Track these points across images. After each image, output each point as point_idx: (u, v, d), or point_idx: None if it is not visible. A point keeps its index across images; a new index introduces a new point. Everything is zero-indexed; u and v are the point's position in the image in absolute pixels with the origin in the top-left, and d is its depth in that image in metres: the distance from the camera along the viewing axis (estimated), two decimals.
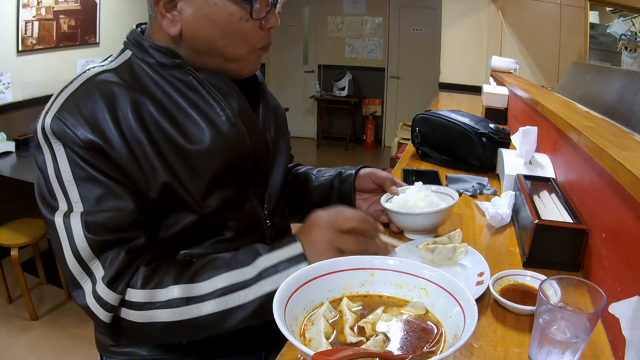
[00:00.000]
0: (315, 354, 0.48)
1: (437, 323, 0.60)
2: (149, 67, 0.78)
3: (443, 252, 0.94)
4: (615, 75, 1.83)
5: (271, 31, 0.80)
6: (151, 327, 0.70)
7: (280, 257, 0.71)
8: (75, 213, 0.69)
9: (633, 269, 0.71)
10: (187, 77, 0.79)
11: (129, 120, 0.73)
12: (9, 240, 2.42)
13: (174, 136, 0.76)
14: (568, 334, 0.64)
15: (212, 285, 0.70)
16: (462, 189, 1.42)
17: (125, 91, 0.74)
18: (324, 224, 0.74)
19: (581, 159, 1.07)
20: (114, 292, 0.68)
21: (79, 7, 3.46)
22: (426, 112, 1.77)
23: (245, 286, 0.70)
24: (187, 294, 0.70)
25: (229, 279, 0.71)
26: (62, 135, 0.69)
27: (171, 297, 0.69)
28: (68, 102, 0.72)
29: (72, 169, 0.70)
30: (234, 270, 0.71)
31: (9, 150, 2.85)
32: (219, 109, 0.80)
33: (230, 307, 0.70)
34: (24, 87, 3.14)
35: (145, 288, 0.69)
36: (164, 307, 0.69)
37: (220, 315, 0.70)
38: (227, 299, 0.70)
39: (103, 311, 0.69)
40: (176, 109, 0.77)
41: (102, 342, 0.92)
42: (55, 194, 0.71)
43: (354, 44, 6.31)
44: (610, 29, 3.58)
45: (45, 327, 2.49)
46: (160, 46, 0.78)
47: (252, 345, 0.94)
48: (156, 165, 0.74)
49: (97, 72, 0.76)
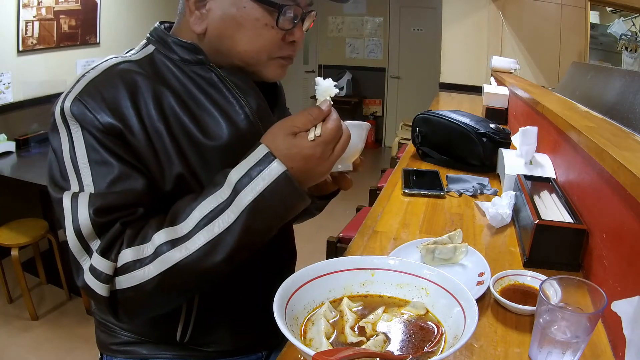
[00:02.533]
0: (316, 354, 0.48)
1: (438, 323, 0.60)
2: (171, 63, 0.79)
3: (443, 252, 0.94)
4: (616, 75, 1.83)
5: (295, 45, 0.80)
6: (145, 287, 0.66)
7: (248, 165, 0.67)
8: (85, 194, 0.68)
9: (633, 268, 0.71)
10: (209, 73, 0.79)
11: (150, 110, 0.73)
12: (9, 240, 2.42)
13: (192, 130, 0.76)
14: (568, 334, 0.64)
15: (193, 220, 0.67)
16: (463, 189, 1.42)
17: (147, 81, 0.75)
18: (273, 126, 0.70)
19: (581, 159, 1.07)
20: (107, 260, 0.66)
21: (79, 7, 3.45)
22: (426, 112, 1.77)
23: (225, 207, 0.66)
24: (171, 237, 0.66)
25: (206, 207, 0.67)
26: (82, 117, 0.69)
27: (157, 245, 0.66)
28: (89, 87, 0.71)
29: (88, 152, 0.69)
30: (208, 197, 0.68)
31: (10, 150, 2.85)
32: (238, 107, 0.80)
33: (216, 234, 0.66)
34: (25, 87, 3.14)
35: (131, 246, 0.67)
36: (152, 260, 0.66)
37: (210, 247, 0.66)
38: (211, 227, 0.66)
39: (99, 284, 0.66)
40: (196, 105, 0.78)
41: (103, 340, 0.92)
42: (67, 176, 0.70)
43: (354, 44, 6.31)
44: (611, 29, 3.58)
45: (45, 327, 2.48)
46: (183, 42, 0.78)
47: (252, 345, 0.94)
48: (173, 156, 0.74)
49: (119, 62, 0.76)
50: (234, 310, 0.89)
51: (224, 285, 0.85)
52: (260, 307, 0.83)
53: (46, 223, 2.60)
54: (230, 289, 0.87)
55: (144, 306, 0.71)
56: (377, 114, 6.39)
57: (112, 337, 0.90)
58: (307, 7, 0.78)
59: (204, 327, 0.86)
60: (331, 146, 0.67)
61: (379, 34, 6.17)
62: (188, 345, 0.87)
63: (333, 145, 0.68)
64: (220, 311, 0.87)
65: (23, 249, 2.45)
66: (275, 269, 0.92)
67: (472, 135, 1.58)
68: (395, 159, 2.44)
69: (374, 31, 6.18)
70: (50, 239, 2.57)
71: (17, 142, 2.90)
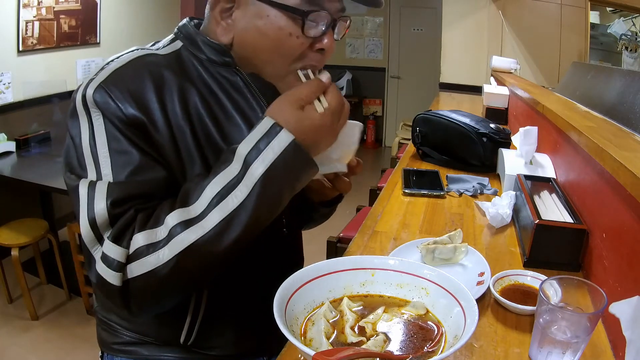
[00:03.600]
0: (316, 354, 0.48)
1: (438, 323, 0.60)
2: (198, 62, 0.77)
3: (444, 252, 0.94)
4: (616, 75, 1.83)
5: (324, 54, 0.76)
6: (159, 272, 0.64)
7: (256, 137, 0.65)
8: (103, 182, 0.67)
9: (633, 269, 0.71)
10: (235, 77, 0.78)
11: (175, 106, 0.72)
12: (9, 240, 2.42)
13: (213, 133, 0.75)
14: (568, 334, 0.64)
15: (206, 199, 0.65)
16: (463, 189, 1.42)
17: (174, 77, 0.73)
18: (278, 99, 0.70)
19: (582, 159, 1.07)
20: (119, 246, 0.64)
21: (79, 7, 3.46)
22: (427, 112, 1.77)
23: (237, 182, 0.65)
24: (184, 217, 0.65)
25: (218, 184, 0.65)
26: (105, 106, 0.67)
27: (171, 227, 0.64)
28: (114, 75, 0.70)
29: (109, 141, 0.68)
30: (219, 174, 0.66)
31: (10, 150, 2.85)
32: (261, 114, 0.78)
33: (231, 210, 0.64)
34: (25, 87, 3.14)
35: (143, 230, 0.65)
36: (167, 243, 0.64)
37: (225, 224, 0.64)
38: (225, 204, 0.64)
39: (112, 272, 0.64)
40: (219, 107, 0.77)
41: (105, 339, 0.92)
42: (85, 164, 0.68)
43: (354, 44, 6.31)
44: (611, 29, 3.58)
45: (45, 327, 2.49)
46: (212, 42, 0.77)
47: (255, 350, 0.93)
48: (195, 156, 0.73)
49: (147, 54, 0.75)
50: (239, 314, 0.88)
51: (232, 290, 0.85)
52: (264, 312, 0.83)
53: (46, 223, 2.60)
54: (238, 294, 0.86)
55: (156, 296, 0.68)
56: (377, 113, 6.39)
57: (113, 337, 0.90)
58: (337, 14, 0.75)
59: (209, 330, 0.86)
60: (338, 116, 0.69)
61: (379, 34, 6.17)
62: (191, 348, 0.86)
63: (339, 115, 0.70)
64: (227, 315, 0.87)
65: (23, 249, 2.45)
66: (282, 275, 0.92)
67: (472, 135, 1.59)
68: (396, 159, 2.44)
69: (374, 31, 6.18)
70: (51, 239, 2.57)
71: (17, 142, 2.90)
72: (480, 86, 2.98)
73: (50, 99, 3.25)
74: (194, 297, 0.82)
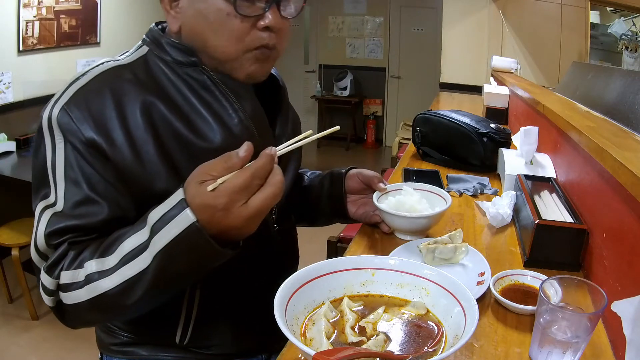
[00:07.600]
0: (316, 354, 0.48)
1: (438, 323, 0.60)
2: (165, 65, 0.78)
3: (444, 251, 0.94)
4: (616, 75, 1.83)
5: (274, 33, 0.76)
6: (80, 306, 0.69)
7: (166, 208, 0.63)
8: (50, 210, 0.72)
9: (634, 268, 0.71)
10: (202, 76, 0.78)
11: (137, 120, 0.73)
12: (9, 240, 2.42)
13: (184, 133, 0.75)
14: (569, 334, 0.64)
15: (120, 254, 0.66)
16: (463, 189, 1.41)
17: (137, 89, 0.74)
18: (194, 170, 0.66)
19: (582, 159, 1.07)
20: (50, 278, 0.70)
21: (79, 7, 3.46)
22: (427, 112, 1.77)
23: (144, 248, 0.65)
24: (100, 268, 0.67)
25: (132, 243, 0.66)
26: (67, 127, 0.70)
27: (88, 273, 0.68)
28: (77, 96, 0.72)
29: (66, 168, 0.71)
30: (135, 234, 0.66)
31: (10, 150, 2.85)
32: (231, 111, 0.79)
33: (135, 273, 0.65)
34: (25, 87, 3.14)
35: (69, 269, 0.70)
36: (83, 286, 0.68)
37: (129, 284, 0.65)
38: (132, 265, 0.65)
39: (46, 296, 0.71)
40: (189, 107, 0.77)
41: (103, 340, 0.92)
42: (49, 182, 0.73)
43: (354, 44, 6.31)
44: (611, 29, 3.58)
45: (45, 327, 2.49)
46: (177, 43, 0.77)
47: (254, 348, 0.93)
48: (160, 167, 0.73)
49: (110, 67, 0.76)
50: (235, 313, 0.88)
51: (224, 289, 0.85)
52: (262, 310, 0.83)
53: None
54: (231, 293, 0.86)
55: (85, 320, 0.74)
56: (378, 113, 6.39)
57: (112, 338, 0.90)
58: None
59: (204, 329, 0.86)
60: (242, 196, 0.60)
61: (379, 34, 6.17)
62: (188, 348, 0.86)
63: (246, 196, 0.60)
64: (221, 314, 0.87)
65: (23, 249, 2.45)
66: (278, 273, 0.92)
67: (472, 135, 1.58)
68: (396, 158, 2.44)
69: (374, 31, 6.18)
70: None
71: (17, 142, 2.90)
72: (480, 86, 2.97)
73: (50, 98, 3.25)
74: (186, 297, 0.82)
